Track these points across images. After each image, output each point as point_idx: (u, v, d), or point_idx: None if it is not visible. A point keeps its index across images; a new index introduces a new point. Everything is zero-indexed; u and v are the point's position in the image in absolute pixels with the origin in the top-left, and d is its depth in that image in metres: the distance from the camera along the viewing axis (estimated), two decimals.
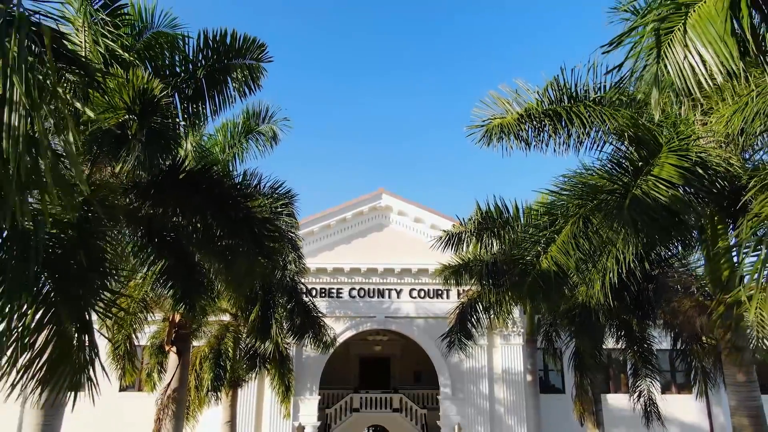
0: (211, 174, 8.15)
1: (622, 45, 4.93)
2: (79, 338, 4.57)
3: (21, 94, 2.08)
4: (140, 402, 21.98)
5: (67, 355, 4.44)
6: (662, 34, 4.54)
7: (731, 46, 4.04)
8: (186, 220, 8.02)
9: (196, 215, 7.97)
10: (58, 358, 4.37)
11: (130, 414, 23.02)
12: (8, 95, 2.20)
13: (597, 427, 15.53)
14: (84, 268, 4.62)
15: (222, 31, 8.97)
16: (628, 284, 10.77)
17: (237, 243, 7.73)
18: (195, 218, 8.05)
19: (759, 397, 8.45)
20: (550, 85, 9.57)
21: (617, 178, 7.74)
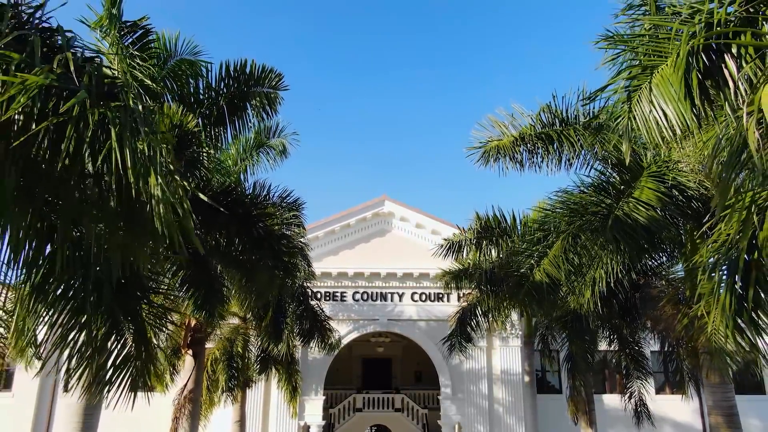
0: (235, 194, 8.96)
1: (601, 96, 5.75)
2: (137, 348, 5.37)
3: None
4: (152, 402, 22.78)
5: (127, 362, 5.25)
6: (631, 91, 5.36)
7: (685, 107, 4.85)
8: (211, 237, 8.82)
9: (221, 231, 8.77)
10: (121, 363, 5.17)
11: (141, 413, 23.81)
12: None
13: (590, 426, 16.35)
14: (143, 288, 5.42)
15: (242, 62, 9.82)
16: (616, 292, 11.62)
17: (258, 258, 8.52)
18: (219, 234, 8.85)
19: (733, 397, 9.26)
20: (543, 110, 10.40)
21: (601, 200, 8.55)
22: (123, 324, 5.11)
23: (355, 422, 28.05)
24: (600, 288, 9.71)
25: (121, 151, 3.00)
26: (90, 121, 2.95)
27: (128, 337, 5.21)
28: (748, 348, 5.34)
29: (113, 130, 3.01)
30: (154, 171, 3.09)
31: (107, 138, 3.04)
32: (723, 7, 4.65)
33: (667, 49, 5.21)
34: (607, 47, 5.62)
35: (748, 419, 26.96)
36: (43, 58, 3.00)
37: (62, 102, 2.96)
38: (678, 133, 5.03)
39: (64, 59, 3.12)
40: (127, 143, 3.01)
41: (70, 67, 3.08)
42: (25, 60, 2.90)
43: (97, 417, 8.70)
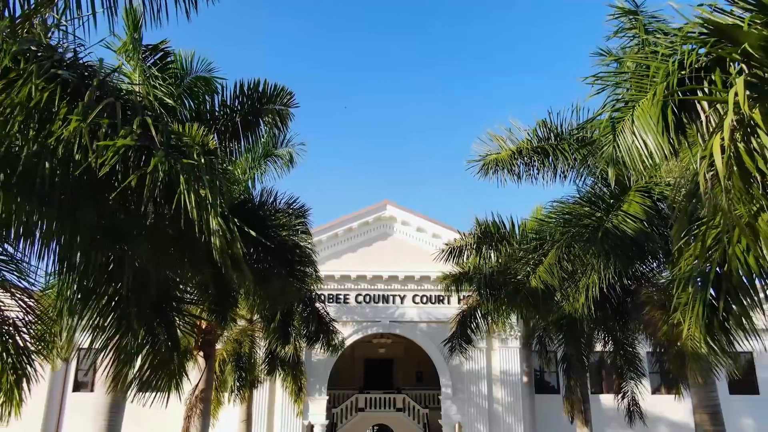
0: (250, 206, 9.56)
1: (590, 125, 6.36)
2: (170, 352, 5.96)
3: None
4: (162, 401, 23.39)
5: (161, 365, 5.84)
6: (616, 122, 5.97)
7: (663, 139, 5.46)
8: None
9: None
10: (157, 366, 5.77)
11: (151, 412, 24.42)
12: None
13: (585, 425, 16.96)
14: (175, 298, 6.02)
15: (255, 81, 10.44)
16: (609, 297, 12.22)
17: (271, 266, 9.11)
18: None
19: (717, 397, 9.88)
20: (539, 125, 11.02)
21: (593, 212, 9.16)
22: (158, 331, 5.70)
23: (357, 422, 28.64)
24: (593, 293, 10.33)
25: (187, 195, 3.62)
26: (161, 172, 3.57)
27: (162, 342, 5.81)
28: (720, 352, 5.94)
29: (182, 178, 3.63)
30: (214, 212, 3.71)
31: (177, 184, 3.67)
32: (694, 50, 5.25)
33: (647, 85, 5.82)
34: (593, 83, 6.21)
35: (742, 419, 27.60)
36: (104, 112, 3.64)
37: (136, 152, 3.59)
38: (657, 161, 5.62)
39: (143, 121, 3.75)
40: (193, 189, 3.63)
41: (149, 129, 3.70)
42: (111, 123, 3.52)
43: (122, 415, 9.31)
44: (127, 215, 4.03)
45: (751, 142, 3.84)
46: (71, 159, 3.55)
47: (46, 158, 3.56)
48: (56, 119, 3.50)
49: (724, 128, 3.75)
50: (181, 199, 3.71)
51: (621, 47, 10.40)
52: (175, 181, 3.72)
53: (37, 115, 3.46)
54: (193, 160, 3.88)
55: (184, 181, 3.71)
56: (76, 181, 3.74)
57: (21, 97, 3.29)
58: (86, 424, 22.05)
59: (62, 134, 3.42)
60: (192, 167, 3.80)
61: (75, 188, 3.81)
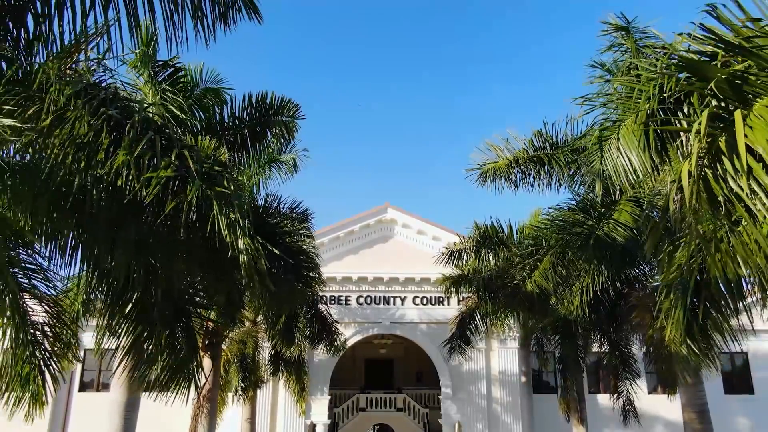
0: (260, 214, 10.00)
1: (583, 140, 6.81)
2: (189, 354, 6.40)
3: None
4: (162, 401, 23.86)
5: (180, 367, 6.28)
6: (603, 140, 6.42)
7: (645, 157, 5.91)
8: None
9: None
10: (177, 367, 6.21)
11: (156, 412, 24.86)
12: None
13: (581, 424, 17.41)
14: (194, 304, 6.48)
15: (263, 93, 10.89)
16: (603, 300, 12.66)
17: (279, 272, 9.53)
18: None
19: (704, 396, 10.33)
20: (535, 135, 11.47)
21: (585, 219, 9.62)
22: (179, 334, 6.15)
23: (358, 421, 29.08)
24: (587, 297, 10.78)
25: (219, 219, 4.07)
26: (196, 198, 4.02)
27: (182, 345, 6.25)
28: (699, 354, 6.38)
29: (215, 203, 4.09)
30: (242, 233, 4.17)
31: (210, 209, 4.14)
32: (673, 77, 5.70)
33: (632, 106, 6.28)
34: (582, 104, 6.67)
35: (737, 418, 28.07)
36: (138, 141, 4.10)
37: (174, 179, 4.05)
38: (640, 177, 6.08)
39: (179, 153, 4.20)
40: (224, 213, 4.09)
41: (186, 160, 4.16)
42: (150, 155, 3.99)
43: (136, 414, 9.76)
44: (162, 232, 4.50)
45: (717, 168, 4.29)
46: (115, 185, 4.01)
47: (94, 186, 4.02)
48: (101, 149, 3.95)
49: (692, 156, 4.20)
50: (215, 222, 4.18)
51: (614, 60, 10.87)
52: (209, 205, 4.18)
53: (87, 147, 3.92)
54: (224, 187, 4.35)
55: (216, 206, 4.17)
56: (120, 203, 4.19)
57: (76, 132, 3.74)
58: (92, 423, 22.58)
59: (110, 165, 3.88)
60: (224, 195, 4.27)
61: (119, 210, 4.27)
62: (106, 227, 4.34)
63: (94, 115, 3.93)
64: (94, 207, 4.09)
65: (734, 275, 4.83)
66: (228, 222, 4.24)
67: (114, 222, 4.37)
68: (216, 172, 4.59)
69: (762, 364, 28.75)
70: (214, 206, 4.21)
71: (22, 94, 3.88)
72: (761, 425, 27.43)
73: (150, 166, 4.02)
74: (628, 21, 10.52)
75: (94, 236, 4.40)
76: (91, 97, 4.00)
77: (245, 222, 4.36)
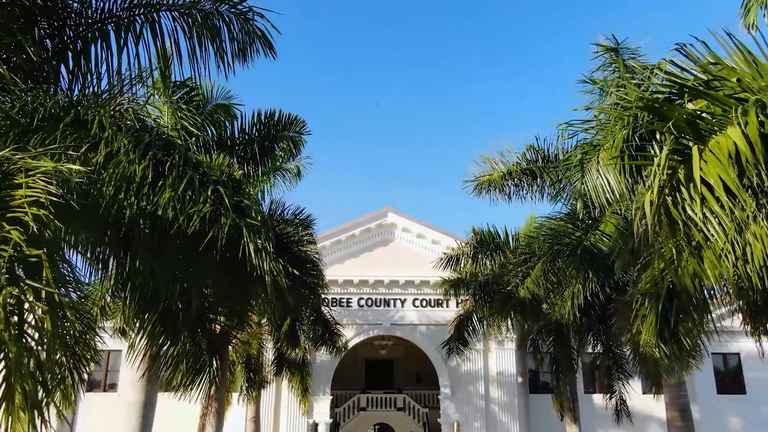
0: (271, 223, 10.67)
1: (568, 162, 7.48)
2: (210, 358, 7.04)
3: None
4: (169, 401, 24.53)
5: (203, 368, 6.93)
6: (584, 163, 7.09)
7: (621, 179, 6.57)
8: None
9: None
10: (199, 369, 6.86)
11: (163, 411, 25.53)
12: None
13: (574, 422, 18.07)
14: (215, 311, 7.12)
15: (271, 111, 11.60)
16: (593, 304, 13.33)
17: (288, 279, 10.18)
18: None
19: (686, 395, 10.99)
20: (528, 149, 12.15)
21: (573, 230, 10.29)
22: (199, 339, 6.80)
23: (359, 421, 29.72)
24: (578, 301, 11.45)
25: (249, 245, 4.73)
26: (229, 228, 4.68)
27: (203, 349, 6.90)
28: (671, 357, 7.04)
29: (245, 232, 4.75)
30: (268, 257, 4.84)
31: (241, 236, 4.82)
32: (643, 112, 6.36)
33: (609, 132, 6.94)
34: (566, 129, 7.33)
35: (729, 417, 28.73)
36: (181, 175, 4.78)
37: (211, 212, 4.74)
38: (617, 197, 6.76)
39: (217, 191, 4.87)
40: (253, 240, 4.76)
41: (221, 196, 4.82)
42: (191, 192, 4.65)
43: (153, 413, 10.41)
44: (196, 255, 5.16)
45: (677, 197, 4.94)
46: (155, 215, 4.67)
47: (140, 216, 4.67)
48: (146, 184, 4.62)
49: (653, 188, 4.86)
50: (245, 247, 4.84)
51: (604, 78, 11.54)
52: (239, 233, 4.85)
53: (134, 183, 4.57)
54: (253, 218, 5.04)
55: (246, 234, 4.83)
56: (161, 231, 4.85)
57: (126, 171, 4.41)
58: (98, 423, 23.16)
59: (155, 199, 4.55)
60: (253, 225, 4.93)
61: (160, 237, 4.92)
62: (147, 252, 5.00)
63: (142, 156, 4.59)
64: (141, 235, 4.74)
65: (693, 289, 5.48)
66: (255, 248, 4.92)
67: (155, 247, 5.03)
68: (245, 205, 5.27)
69: (754, 364, 29.36)
70: (244, 234, 4.88)
71: (74, 134, 4.54)
72: (753, 424, 28.05)
73: (190, 200, 4.68)
74: (618, 42, 11.19)
75: (137, 260, 5.06)
76: (138, 141, 4.67)
77: (270, 247, 5.03)
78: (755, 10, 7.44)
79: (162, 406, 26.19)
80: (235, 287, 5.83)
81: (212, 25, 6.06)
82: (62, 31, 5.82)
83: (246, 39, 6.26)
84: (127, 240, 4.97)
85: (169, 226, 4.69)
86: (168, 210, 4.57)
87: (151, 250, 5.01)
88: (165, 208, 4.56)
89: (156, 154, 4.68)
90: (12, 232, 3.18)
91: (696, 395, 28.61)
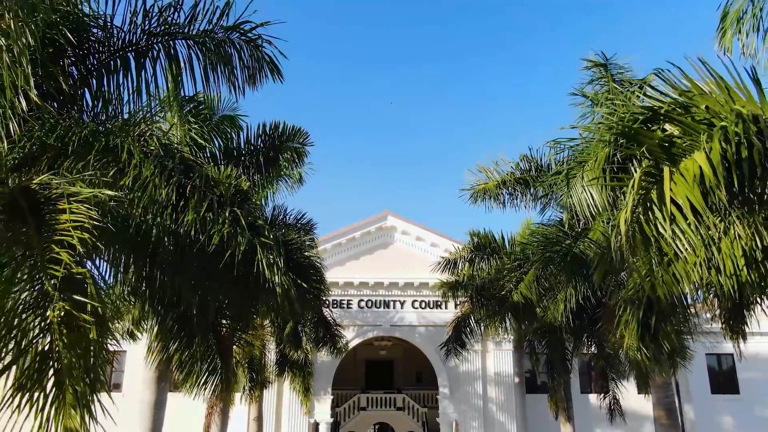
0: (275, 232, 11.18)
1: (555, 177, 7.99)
2: (221, 361, 7.54)
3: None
4: (175, 401, 25.02)
5: (215, 371, 7.44)
6: (570, 178, 7.60)
7: (603, 194, 7.08)
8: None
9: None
10: (212, 371, 7.36)
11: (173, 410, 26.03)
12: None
13: (568, 422, 18.59)
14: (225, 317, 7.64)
15: (275, 122, 12.12)
16: (585, 307, 13.85)
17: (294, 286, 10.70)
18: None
19: (673, 395, 11.52)
20: (521, 159, 12.67)
21: (564, 238, 10.80)
22: (212, 343, 7.30)
23: (359, 420, 30.22)
24: (570, 305, 11.96)
25: (262, 261, 5.25)
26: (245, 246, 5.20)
27: (215, 352, 7.41)
28: (651, 358, 7.55)
29: (259, 249, 5.26)
30: (279, 272, 5.36)
31: (255, 253, 5.34)
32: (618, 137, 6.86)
33: (592, 150, 7.45)
34: (553, 146, 7.84)
35: (723, 417, 29.24)
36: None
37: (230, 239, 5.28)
38: (600, 210, 7.27)
39: (234, 212, 5.40)
40: (265, 256, 5.27)
41: (238, 217, 5.33)
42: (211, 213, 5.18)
43: (164, 411, 10.91)
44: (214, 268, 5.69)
45: (649, 215, 5.44)
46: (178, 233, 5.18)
47: (165, 234, 5.19)
48: (170, 206, 5.13)
49: (627, 207, 5.37)
50: (259, 263, 5.37)
51: (594, 92, 12.07)
52: (254, 250, 5.37)
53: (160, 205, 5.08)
54: (266, 237, 5.56)
55: (260, 251, 5.35)
56: (182, 248, 5.36)
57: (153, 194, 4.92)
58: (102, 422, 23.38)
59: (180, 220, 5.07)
60: (266, 243, 5.45)
61: (181, 253, 5.44)
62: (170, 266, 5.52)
63: (167, 181, 5.11)
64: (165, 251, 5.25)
65: (665, 299, 5.99)
66: (268, 263, 5.44)
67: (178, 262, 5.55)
68: (259, 225, 5.80)
69: (748, 365, 29.87)
70: (258, 251, 5.40)
71: (102, 159, 5.04)
72: (746, 424, 28.54)
73: (210, 221, 5.20)
74: (606, 58, 11.72)
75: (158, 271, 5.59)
76: (163, 168, 5.19)
77: (281, 263, 5.55)
78: (730, 35, 7.95)
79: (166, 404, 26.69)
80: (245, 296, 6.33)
81: (224, 52, 6.56)
82: (87, 59, 6.33)
83: (255, 65, 6.77)
84: (154, 255, 5.47)
85: (191, 243, 5.20)
86: (191, 230, 5.08)
87: (174, 264, 5.53)
88: (188, 228, 5.07)
89: (179, 179, 5.20)
90: (62, 254, 3.68)
91: (690, 395, 29.15)
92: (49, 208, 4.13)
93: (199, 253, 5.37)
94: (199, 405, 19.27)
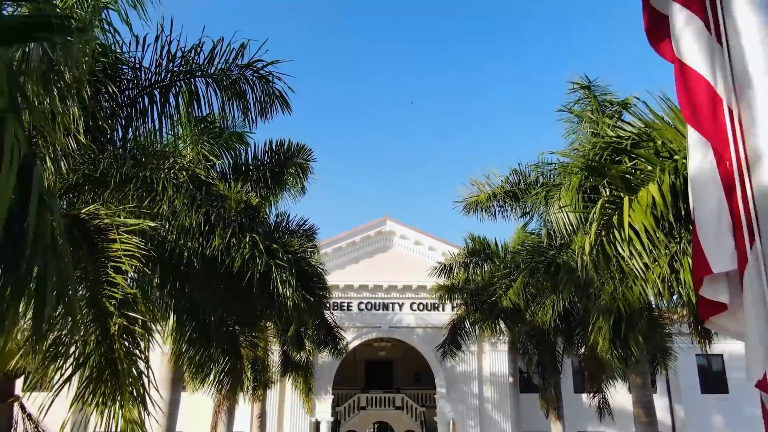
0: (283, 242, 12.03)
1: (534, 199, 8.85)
2: (234, 362, 8.39)
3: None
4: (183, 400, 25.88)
5: (228, 371, 8.29)
6: (548, 199, 8.46)
7: (577, 214, 7.94)
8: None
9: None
10: (227, 372, 8.21)
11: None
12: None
13: (559, 420, 19.46)
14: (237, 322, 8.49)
15: (281, 140, 12.99)
16: (572, 311, 14.71)
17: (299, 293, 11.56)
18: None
19: (651, 395, 12.38)
20: (511, 172, 13.55)
21: (549, 248, 11.66)
22: (227, 346, 8.16)
23: (359, 420, 31.05)
24: (558, 309, 12.82)
25: (277, 279, 6.12)
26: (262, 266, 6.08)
27: (230, 354, 8.26)
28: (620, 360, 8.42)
29: (274, 269, 6.13)
30: (291, 289, 6.22)
31: (271, 272, 6.22)
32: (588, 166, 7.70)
33: (569, 172, 8.31)
34: (535, 169, 8.70)
35: (713, 416, 30.08)
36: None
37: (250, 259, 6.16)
38: (575, 229, 8.13)
39: (254, 238, 6.28)
40: (280, 275, 6.14)
41: (257, 241, 6.22)
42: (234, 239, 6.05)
43: (177, 409, 11.75)
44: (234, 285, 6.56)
45: (611, 238, 6.31)
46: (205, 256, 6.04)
47: (194, 257, 6.05)
48: (199, 232, 5.99)
49: (591, 232, 6.23)
50: (274, 281, 6.23)
51: (580, 110, 12.94)
52: (269, 270, 6.24)
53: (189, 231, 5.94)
54: (280, 259, 6.43)
55: (275, 271, 6.21)
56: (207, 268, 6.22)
57: (183, 222, 5.85)
58: None
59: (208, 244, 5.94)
60: (280, 264, 6.33)
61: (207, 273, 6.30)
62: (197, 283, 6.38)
63: (196, 211, 5.96)
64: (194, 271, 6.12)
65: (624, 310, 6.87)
66: (282, 280, 6.31)
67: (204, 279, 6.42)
68: (275, 249, 6.68)
69: (737, 365, 30.64)
70: (273, 271, 6.27)
71: (139, 189, 5.90)
72: (736, 423, 29.30)
73: (234, 246, 6.07)
74: (590, 81, 12.59)
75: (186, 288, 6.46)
76: (193, 199, 6.04)
77: (293, 281, 6.42)
78: None
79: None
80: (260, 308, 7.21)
81: (239, 89, 7.41)
82: (119, 96, 7.17)
83: (266, 99, 7.60)
84: (182, 274, 6.33)
85: (215, 263, 6.05)
86: (217, 252, 5.93)
87: (201, 281, 6.38)
88: (214, 251, 5.92)
89: (208, 210, 6.06)
90: (117, 278, 4.54)
91: (680, 395, 30.00)
92: (101, 237, 4.97)
93: (223, 272, 6.23)
94: (203, 404, 20.13)
